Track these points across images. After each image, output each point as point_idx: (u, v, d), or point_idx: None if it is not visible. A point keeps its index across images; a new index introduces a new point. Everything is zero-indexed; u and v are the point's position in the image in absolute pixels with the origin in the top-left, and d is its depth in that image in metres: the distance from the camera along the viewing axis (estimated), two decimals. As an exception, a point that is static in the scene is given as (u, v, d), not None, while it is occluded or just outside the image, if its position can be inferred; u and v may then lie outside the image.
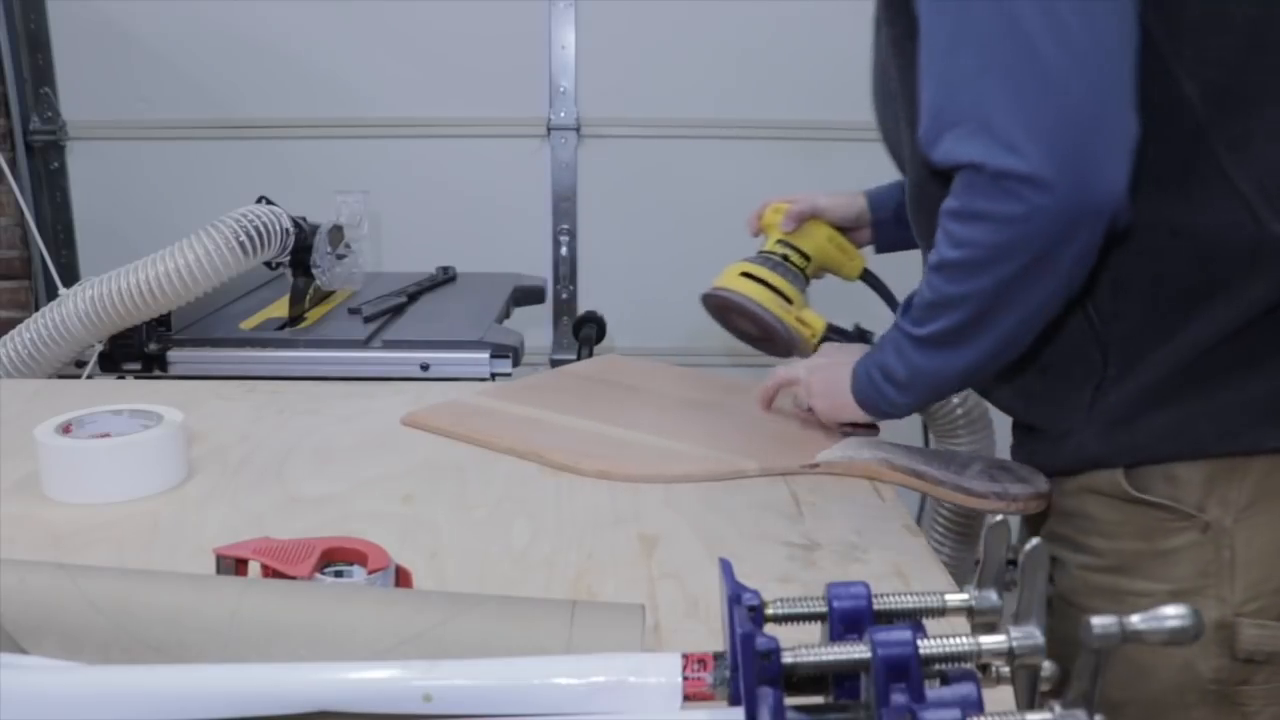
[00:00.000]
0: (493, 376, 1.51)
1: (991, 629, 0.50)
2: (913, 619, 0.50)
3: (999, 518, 0.52)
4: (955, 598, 0.51)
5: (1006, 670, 0.48)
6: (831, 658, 0.47)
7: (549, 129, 2.34)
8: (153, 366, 1.51)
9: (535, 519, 0.89)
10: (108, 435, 0.95)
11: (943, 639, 0.46)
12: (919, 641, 0.46)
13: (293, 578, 0.66)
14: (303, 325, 1.62)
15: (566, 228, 2.40)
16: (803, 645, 0.47)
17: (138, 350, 1.50)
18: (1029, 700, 0.47)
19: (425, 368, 1.52)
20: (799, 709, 0.47)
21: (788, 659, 0.46)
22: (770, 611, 0.51)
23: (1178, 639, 0.42)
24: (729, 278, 1.16)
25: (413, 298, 1.77)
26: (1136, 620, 0.42)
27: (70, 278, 1.97)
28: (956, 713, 0.43)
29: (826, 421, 1.05)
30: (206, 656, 0.57)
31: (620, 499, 0.94)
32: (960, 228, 0.81)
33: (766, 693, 0.45)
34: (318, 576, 0.67)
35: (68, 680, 0.53)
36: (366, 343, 1.55)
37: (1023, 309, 0.83)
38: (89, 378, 1.49)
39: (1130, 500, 0.88)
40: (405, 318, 1.69)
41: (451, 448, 1.06)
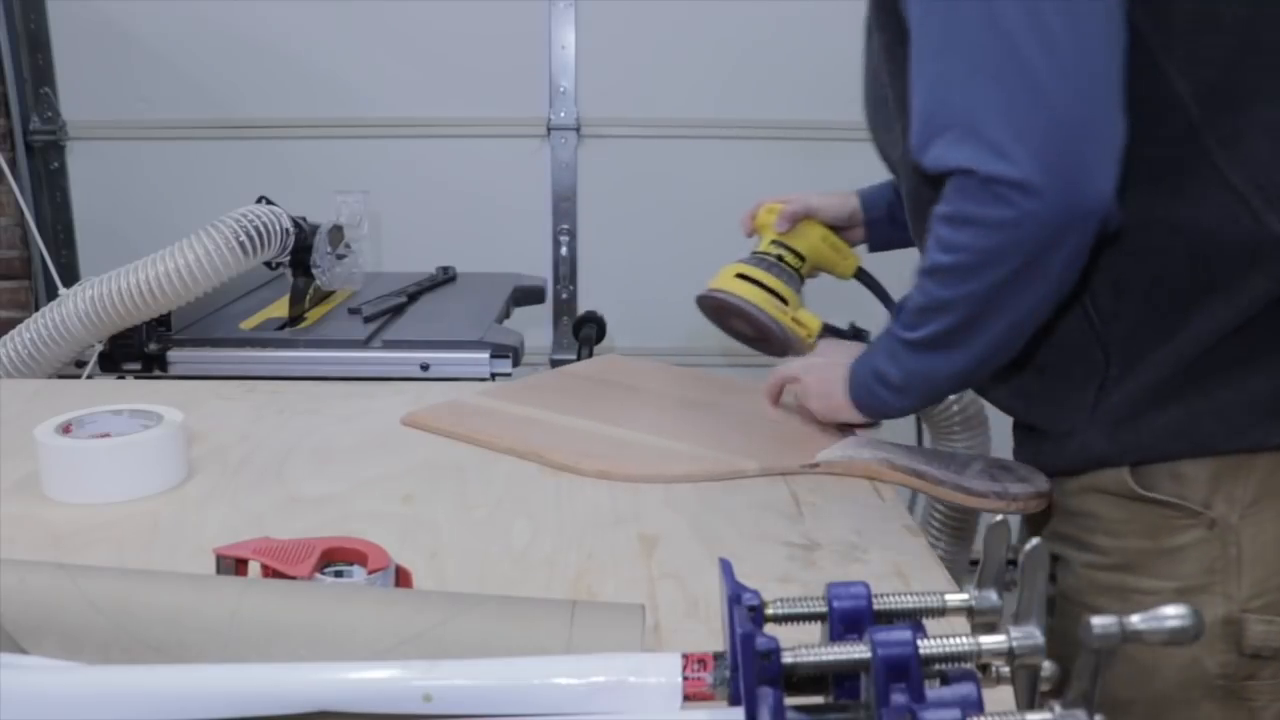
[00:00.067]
0: (493, 376, 1.51)
1: (991, 629, 0.50)
2: (913, 619, 0.50)
3: (999, 517, 0.52)
4: (955, 598, 0.51)
5: (1006, 670, 0.48)
6: (831, 658, 0.47)
7: (549, 129, 2.34)
8: (153, 366, 1.51)
9: (535, 519, 0.89)
10: (108, 435, 0.95)
11: (943, 639, 0.46)
12: (919, 641, 0.46)
13: (293, 578, 0.66)
14: (303, 325, 1.62)
15: (566, 228, 2.40)
16: (803, 645, 0.47)
17: (138, 350, 1.50)
18: (1029, 700, 0.47)
19: (425, 368, 1.52)
20: (799, 709, 0.47)
21: (788, 659, 0.46)
22: (770, 611, 0.51)
23: (1178, 639, 0.42)
24: (724, 279, 1.16)
25: (413, 298, 1.77)
26: (1136, 620, 0.42)
27: (70, 278, 1.97)
28: (956, 713, 0.43)
29: (823, 421, 1.05)
30: (206, 656, 0.57)
31: (620, 499, 0.94)
32: (951, 232, 0.82)
33: (766, 693, 0.45)
34: (318, 576, 0.67)
35: (68, 680, 0.53)
36: (366, 343, 1.55)
37: (1014, 312, 0.83)
38: (89, 378, 1.49)
39: (1136, 498, 0.88)
40: (405, 318, 1.69)
41: (451, 448, 1.06)
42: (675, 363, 1.38)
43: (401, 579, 0.71)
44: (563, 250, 2.41)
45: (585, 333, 2.00)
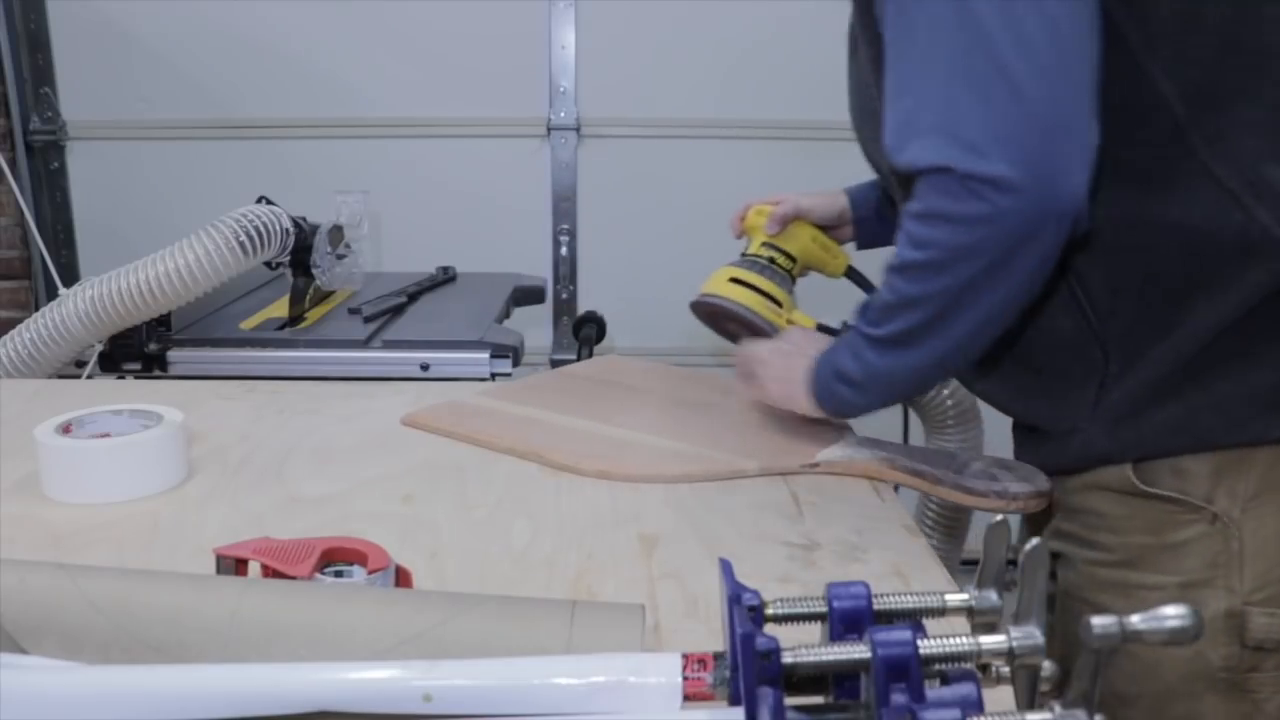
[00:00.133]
0: (493, 376, 1.51)
1: (991, 629, 0.50)
2: (913, 619, 0.50)
3: (999, 517, 0.52)
4: (955, 598, 0.51)
5: (1006, 670, 0.48)
6: (831, 658, 0.47)
7: (549, 129, 2.34)
8: (153, 366, 1.51)
9: (535, 519, 0.89)
10: (108, 435, 0.95)
11: (943, 639, 0.46)
12: (919, 641, 0.46)
13: (293, 578, 0.66)
14: (303, 325, 1.62)
15: (566, 228, 2.40)
16: (803, 645, 0.47)
17: (138, 350, 1.50)
18: (1029, 700, 0.47)
19: (425, 368, 1.52)
20: (799, 709, 0.47)
21: (788, 659, 0.46)
22: (770, 611, 0.51)
23: (1178, 639, 0.42)
24: (718, 284, 1.16)
25: (413, 298, 1.77)
26: (1136, 620, 0.42)
27: (70, 278, 1.97)
28: (956, 713, 0.43)
29: (775, 405, 1.05)
30: (206, 656, 0.57)
31: (620, 499, 0.94)
32: (922, 229, 0.82)
33: (766, 693, 0.45)
34: (318, 576, 0.67)
35: (68, 680, 0.53)
36: (366, 343, 1.55)
37: (979, 311, 0.84)
38: (89, 378, 1.49)
39: (1139, 495, 0.88)
40: (405, 318, 1.69)
41: (451, 448, 1.06)
42: (675, 363, 1.38)
43: (401, 579, 0.71)
44: (563, 250, 2.41)
45: (585, 333, 2.00)
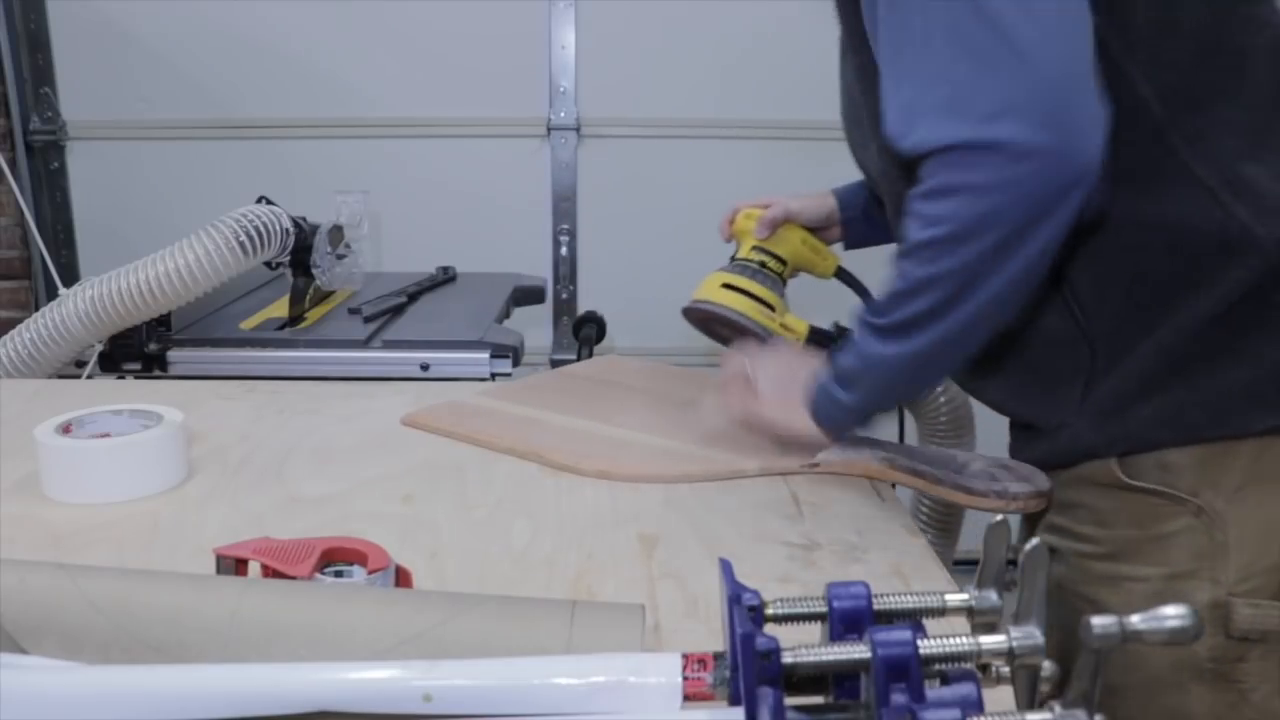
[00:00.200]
0: (493, 376, 1.51)
1: (991, 629, 0.50)
2: (913, 619, 0.50)
3: (999, 517, 0.52)
4: (955, 598, 0.51)
5: (1006, 670, 0.48)
6: (831, 658, 0.47)
7: (549, 129, 2.34)
8: (153, 366, 1.51)
9: (535, 519, 0.89)
10: (108, 435, 0.95)
11: (943, 639, 0.46)
12: (919, 641, 0.46)
13: (293, 578, 0.66)
14: (303, 325, 1.62)
15: (566, 228, 2.40)
16: (803, 645, 0.47)
17: (138, 350, 1.50)
18: (1029, 700, 0.47)
19: (425, 368, 1.52)
20: (799, 709, 0.47)
21: (788, 659, 0.46)
22: (770, 611, 0.51)
23: (1177, 639, 0.43)
24: (710, 289, 1.15)
25: (413, 298, 1.77)
26: (1136, 620, 0.42)
27: (70, 278, 1.96)
28: (956, 713, 0.43)
29: (763, 420, 1.02)
30: (206, 656, 0.57)
31: (620, 499, 0.94)
32: (935, 206, 0.81)
33: (766, 693, 0.45)
34: (318, 576, 0.67)
35: (68, 680, 0.53)
36: (366, 343, 1.55)
37: (989, 292, 0.82)
38: (89, 378, 1.49)
39: (1124, 488, 0.89)
40: (405, 318, 1.69)
41: (451, 448, 1.06)
42: (675, 363, 1.38)
43: (401, 579, 0.71)
44: (563, 250, 2.41)
45: (585, 333, 2.00)
